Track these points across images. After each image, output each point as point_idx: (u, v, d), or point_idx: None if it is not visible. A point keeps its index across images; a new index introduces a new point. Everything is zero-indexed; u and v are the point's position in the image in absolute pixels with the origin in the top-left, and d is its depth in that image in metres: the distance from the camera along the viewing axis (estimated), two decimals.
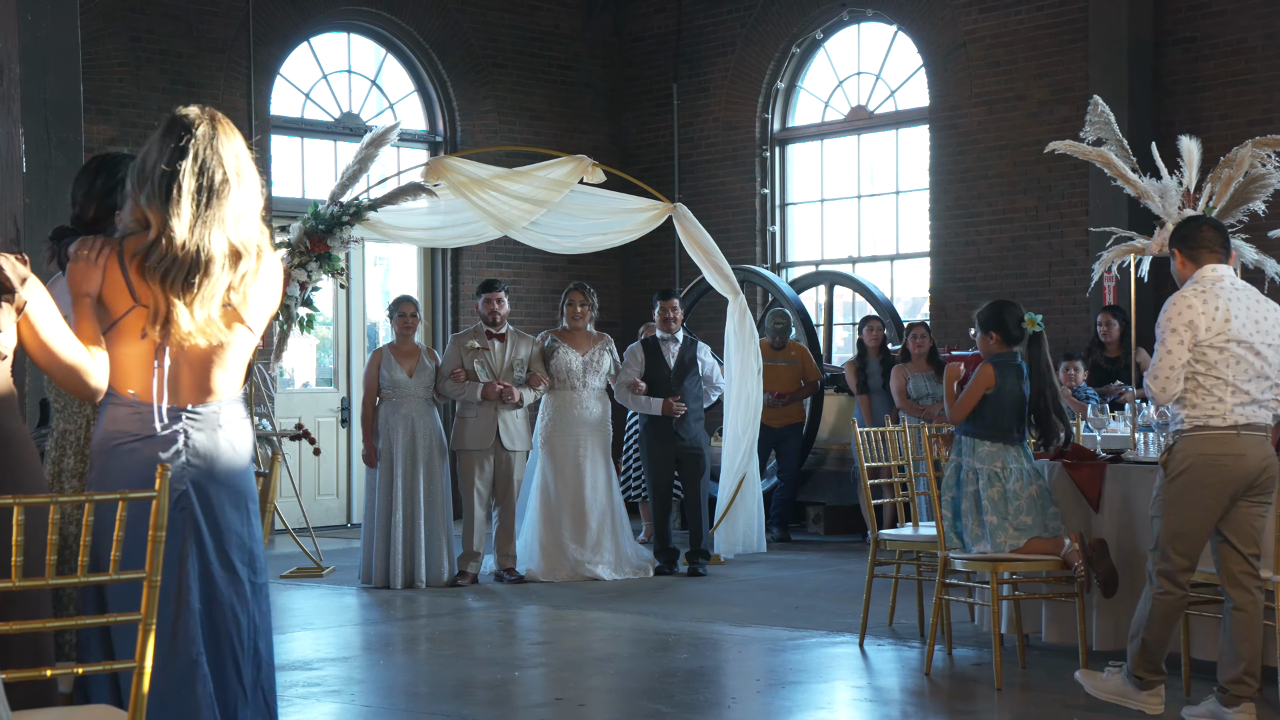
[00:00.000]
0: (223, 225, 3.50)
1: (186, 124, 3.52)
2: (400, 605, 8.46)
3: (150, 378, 3.47)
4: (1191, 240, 5.41)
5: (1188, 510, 5.33)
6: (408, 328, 9.25)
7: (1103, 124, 6.56)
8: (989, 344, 6.49)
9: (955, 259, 12.55)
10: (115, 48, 11.77)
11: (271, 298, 3.64)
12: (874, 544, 7.05)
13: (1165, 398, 5.33)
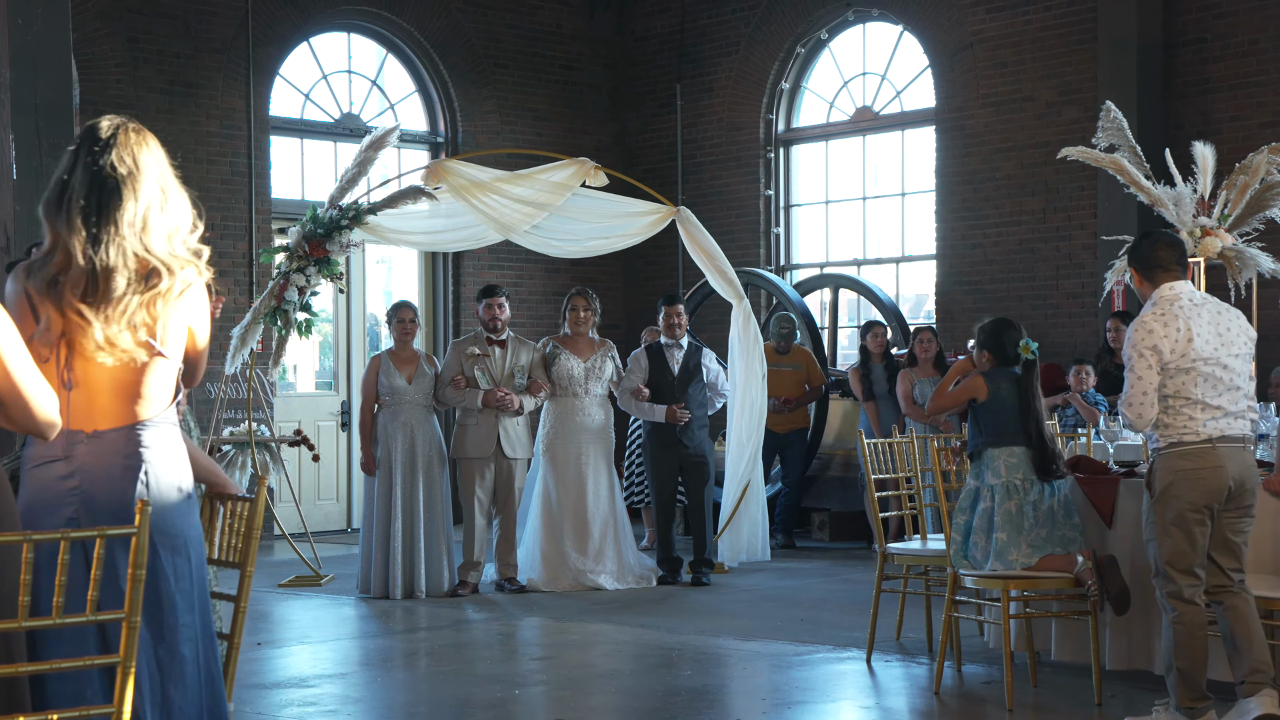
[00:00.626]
0: (123, 239, 3.27)
1: (92, 134, 3.36)
2: (399, 617, 8.34)
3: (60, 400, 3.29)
4: (1147, 260, 5.42)
5: (1179, 528, 5.33)
6: (406, 333, 9.12)
7: (1115, 130, 6.43)
8: (982, 360, 6.38)
9: (962, 262, 12.41)
10: (113, 48, 11.64)
11: (193, 320, 3.38)
12: (881, 558, 6.91)
13: (1143, 424, 5.39)
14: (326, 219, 9.52)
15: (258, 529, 3.68)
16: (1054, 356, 11.63)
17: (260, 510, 3.67)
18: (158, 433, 3.36)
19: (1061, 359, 11.29)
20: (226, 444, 10.30)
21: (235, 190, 12.24)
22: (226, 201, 12.19)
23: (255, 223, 12.29)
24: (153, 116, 11.78)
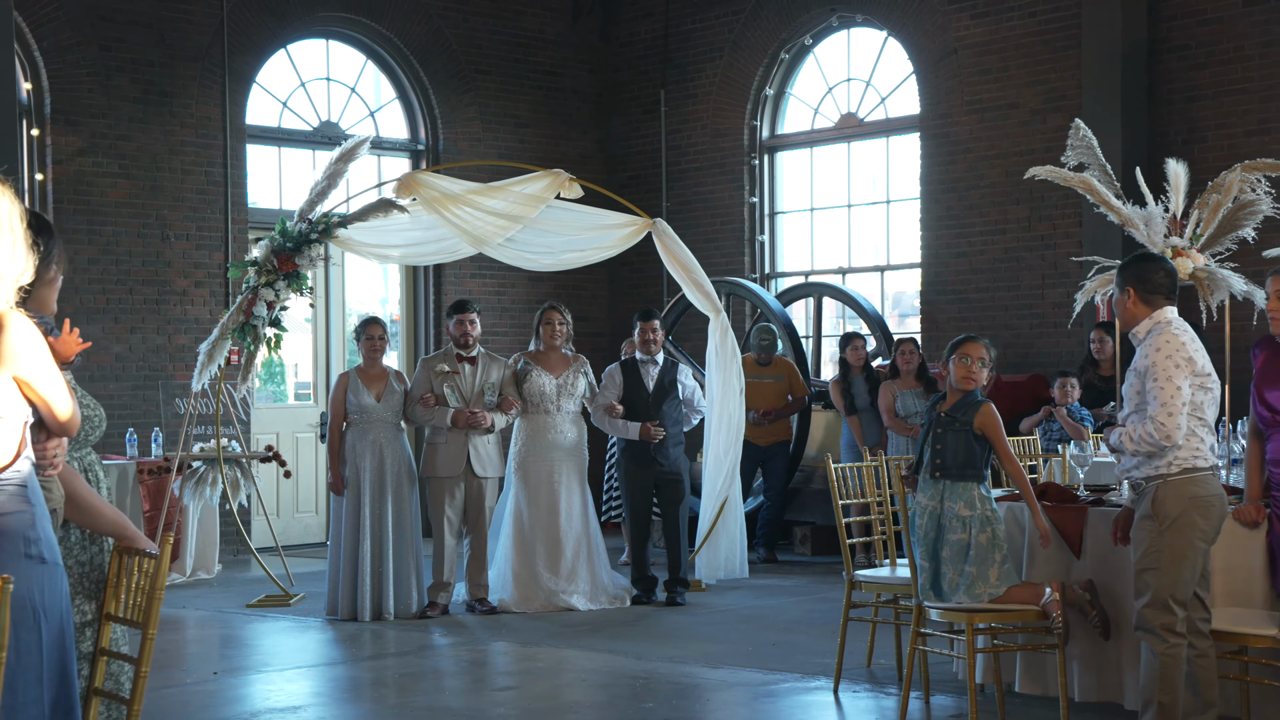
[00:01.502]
0: None
1: None
2: (366, 642, 8.19)
3: None
4: (1150, 283, 5.29)
5: (1187, 558, 5.21)
6: (375, 350, 8.97)
7: (1084, 148, 6.27)
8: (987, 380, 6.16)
9: (946, 270, 12.25)
10: (84, 57, 11.49)
11: (19, 369, 3.20)
12: (849, 585, 6.76)
13: (1179, 436, 5.18)
14: (296, 232, 9.39)
15: (161, 589, 3.53)
16: (1038, 367, 11.49)
17: (164, 569, 3.52)
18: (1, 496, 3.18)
19: (1046, 370, 11.14)
20: (196, 460, 10.17)
21: (211, 200, 12.10)
22: (202, 211, 12.05)
23: (231, 233, 12.14)
24: (126, 126, 11.65)
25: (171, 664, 7.54)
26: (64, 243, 11.37)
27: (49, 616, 3.26)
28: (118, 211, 11.62)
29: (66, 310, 11.25)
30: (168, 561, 3.53)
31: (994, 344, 9.95)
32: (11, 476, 3.22)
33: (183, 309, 11.89)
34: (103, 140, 11.56)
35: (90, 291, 11.46)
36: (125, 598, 3.64)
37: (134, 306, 11.66)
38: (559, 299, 13.78)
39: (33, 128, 11.37)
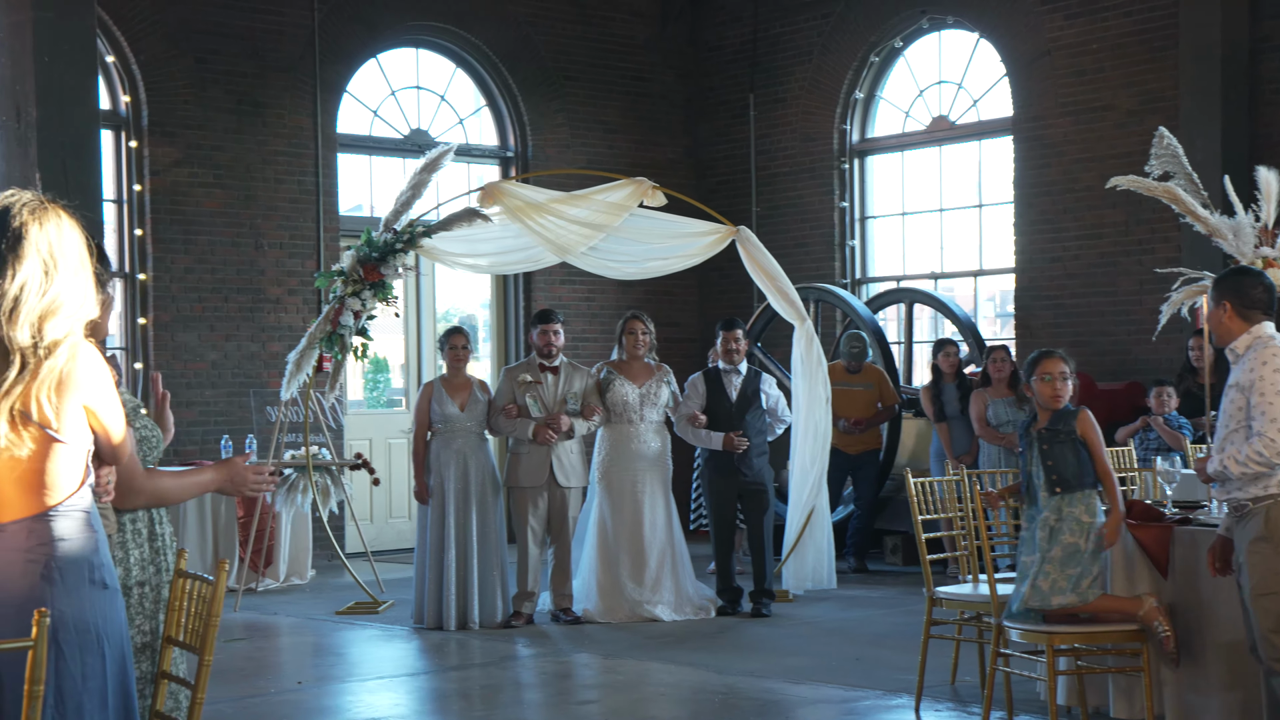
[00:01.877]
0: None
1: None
2: (451, 651, 8.22)
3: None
4: (1247, 298, 5.14)
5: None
6: (459, 360, 9.00)
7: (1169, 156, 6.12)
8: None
9: (1041, 275, 12.04)
10: (180, 69, 11.67)
11: (89, 399, 3.21)
12: (929, 603, 6.66)
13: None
14: (381, 242, 9.46)
15: (216, 615, 3.54)
16: (1136, 375, 11.25)
17: (220, 595, 3.53)
18: (65, 522, 3.22)
19: (1144, 377, 10.91)
20: (288, 467, 10.28)
21: (303, 208, 12.24)
22: (294, 220, 12.19)
23: (323, 240, 12.28)
24: (220, 136, 11.82)
25: (258, 673, 7.63)
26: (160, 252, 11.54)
27: (111, 641, 3.30)
28: (212, 221, 11.79)
29: (163, 319, 11.47)
30: (224, 588, 3.55)
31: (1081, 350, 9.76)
32: (77, 503, 3.26)
33: (276, 316, 12.04)
34: (198, 151, 11.74)
35: (186, 300, 11.64)
36: (185, 621, 3.66)
37: (228, 314, 11.83)
38: (648, 305, 13.80)
39: (130, 140, 11.57)
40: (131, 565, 3.68)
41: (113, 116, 11.59)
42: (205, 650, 3.54)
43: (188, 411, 11.60)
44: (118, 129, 11.61)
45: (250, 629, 8.99)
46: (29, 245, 3.13)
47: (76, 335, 3.21)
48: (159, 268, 11.54)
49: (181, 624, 3.66)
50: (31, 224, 3.15)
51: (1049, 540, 5.80)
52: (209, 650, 3.53)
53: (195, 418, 11.61)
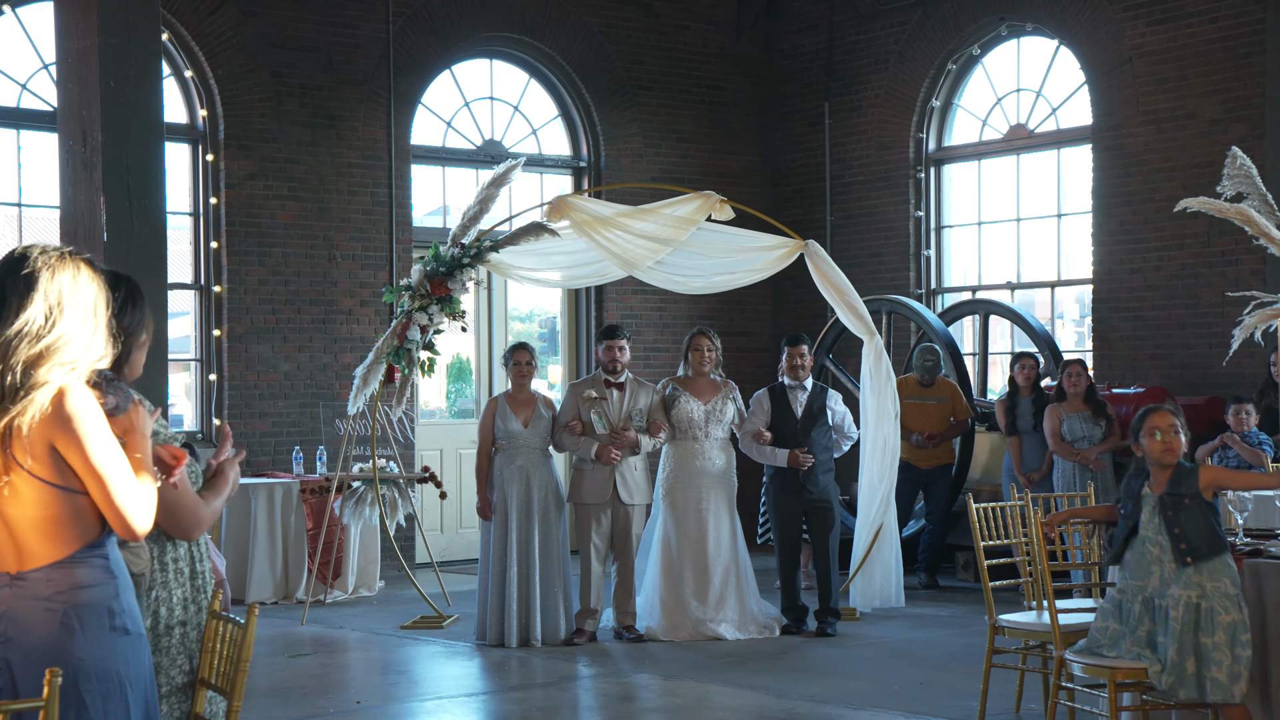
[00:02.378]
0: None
1: (9, 258, 3.22)
2: (512, 670, 8.20)
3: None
4: None
5: None
6: (523, 376, 8.98)
7: (1242, 177, 5.95)
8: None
9: (1120, 287, 11.81)
10: (257, 83, 11.78)
11: (62, 443, 3.15)
12: (991, 630, 6.53)
13: None
14: (448, 257, 9.47)
15: (246, 659, 3.52)
16: (1217, 389, 11.00)
17: (250, 639, 3.51)
18: (84, 570, 3.20)
19: (1225, 392, 10.66)
20: (356, 480, 10.33)
21: (376, 220, 12.30)
22: (367, 232, 12.26)
23: (396, 252, 12.33)
24: (294, 149, 11.91)
25: (319, 691, 7.65)
26: (235, 264, 11.61)
27: (134, 688, 3.28)
28: (286, 233, 11.89)
29: (237, 330, 11.58)
30: (253, 631, 3.52)
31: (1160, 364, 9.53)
32: (97, 550, 3.24)
33: (348, 328, 12.12)
34: (272, 164, 11.84)
35: (260, 312, 11.74)
36: (216, 664, 3.65)
37: (301, 326, 11.92)
38: (721, 315, 13.74)
39: (207, 153, 11.70)
40: (175, 604, 3.67)
41: (190, 130, 11.73)
42: (235, 695, 3.52)
43: (260, 423, 11.71)
44: (195, 143, 11.75)
45: (315, 643, 9.04)
46: (37, 291, 3.14)
47: (67, 380, 3.16)
48: (233, 280, 11.66)
49: (214, 666, 3.64)
50: (44, 271, 3.15)
51: (1199, 622, 5.33)
52: (238, 695, 3.51)
53: (268, 429, 11.71)
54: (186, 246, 11.89)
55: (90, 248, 6.37)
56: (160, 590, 3.64)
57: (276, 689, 7.70)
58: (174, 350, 11.18)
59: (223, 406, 11.63)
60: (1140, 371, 11.58)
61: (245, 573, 10.51)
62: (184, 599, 3.66)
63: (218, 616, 3.66)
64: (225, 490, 3.68)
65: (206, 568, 3.88)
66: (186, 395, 11.94)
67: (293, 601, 10.44)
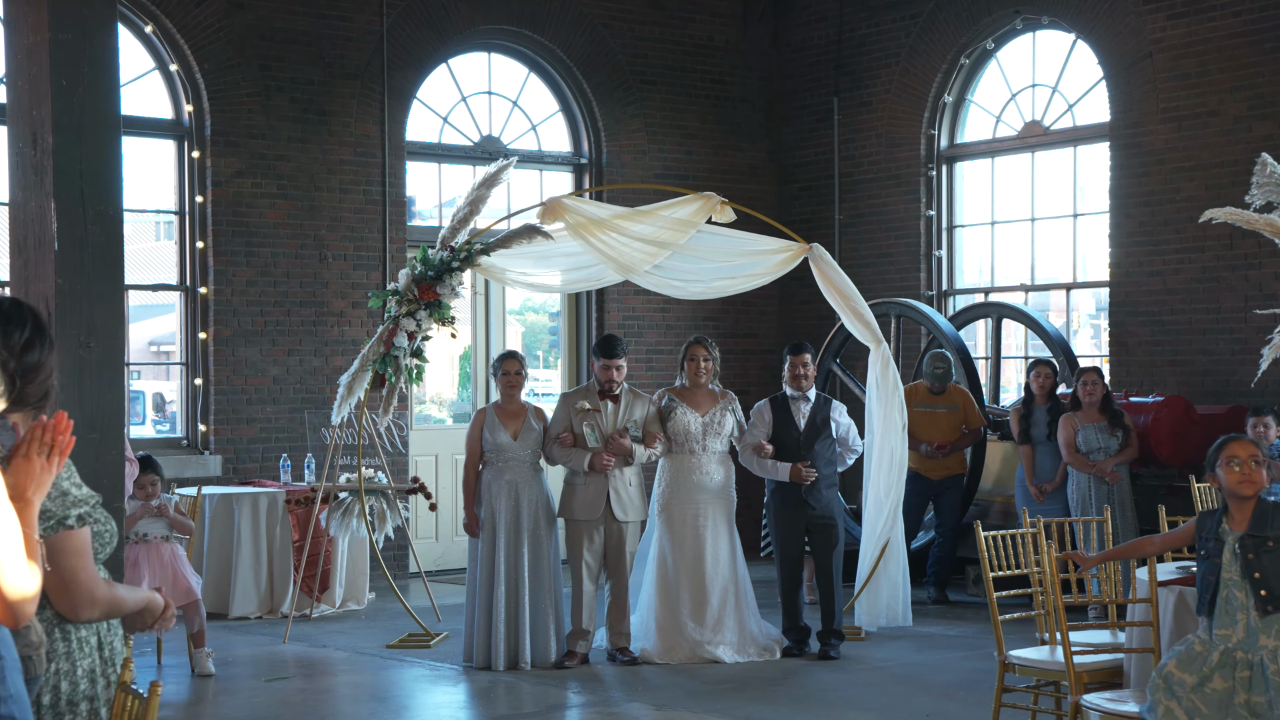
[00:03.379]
0: None
1: None
2: (499, 698, 7.81)
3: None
4: None
5: None
6: (512, 386, 8.58)
7: (1272, 185, 5.57)
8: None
9: (1138, 290, 11.37)
10: (245, 77, 11.40)
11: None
12: (1001, 668, 6.13)
13: None
14: (436, 260, 9.09)
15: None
16: (1240, 398, 10.56)
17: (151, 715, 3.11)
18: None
19: (1249, 400, 10.22)
20: (343, 490, 9.96)
21: (369, 219, 11.92)
22: (360, 231, 11.88)
23: (390, 252, 11.95)
24: (284, 145, 11.53)
25: (292, 718, 7.28)
26: (222, 265, 11.22)
27: None
28: (275, 232, 11.51)
29: (224, 333, 11.21)
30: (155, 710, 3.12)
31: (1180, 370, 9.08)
32: None
33: (340, 330, 11.74)
34: (261, 161, 11.46)
35: (248, 314, 11.37)
36: None
37: (291, 328, 11.55)
38: (726, 316, 13.33)
39: (193, 150, 11.33)
40: (79, 678, 3.26)
41: (175, 126, 11.36)
42: None
43: (247, 429, 11.34)
44: (180, 139, 11.37)
45: (297, 664, 8.67)
46: None
47: None
48: (220, 281, 11.29)
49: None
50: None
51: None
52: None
53: (255, 435, 11.35)
54: (172, 246, 11.52)
55: (41, 256, 6.00)
56: (63, 663, 3.23)
57: (250, 717, 7.33)
58: (159, 354, 10.82)
59: (209, 412, 11.27)
60: (1159, 379, 11.15)
61: (229, 586, 10.14)
62: (89, 671, 3.27)
63: (127, 690, 3.26)
64: (140, 604, 3.31)
65: (117, 638, 3.47)
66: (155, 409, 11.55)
67: (278, 616, 10.08)
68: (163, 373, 22.67)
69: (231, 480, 11.08)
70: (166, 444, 11.26)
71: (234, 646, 9.03)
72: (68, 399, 5.86)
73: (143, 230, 19.05)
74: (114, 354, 6.09)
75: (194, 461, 11.02)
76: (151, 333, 18.75)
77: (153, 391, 20.06)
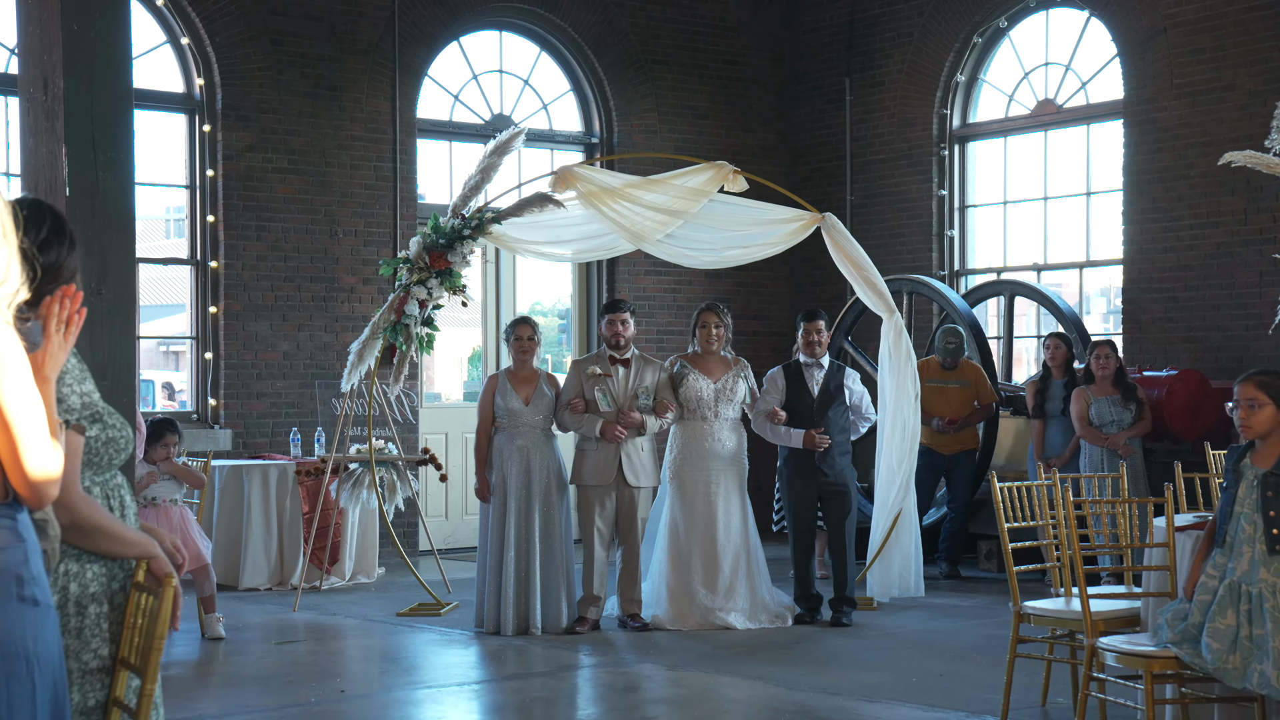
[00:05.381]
0: None
1: None
2: (509, 659, 7.77)
3: None
4: None
5: None
6: (524, 352, 8.54)
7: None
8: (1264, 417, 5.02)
9: (1152, 267, 11.32)
10: (256, 51, 11.38)
11: (6, 385, 2.75)
12: (1016, 618, 6.08)
13: None
14: (448, 228, 9.05)
15: (160, 636, 3.06)
16: None
17: (166, 610, 3.07)
18: None
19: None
20: (353, 461, 9.94)
21: (380, 195, 11.89)
22: (370, 207, 11.85)
23: (400, 228, 11.92)
24: (295, 120, 11.51)
25: (305, 679, 7.25)
26: (233, 239, 11.20)
27: (43, 665, 2.87)
28: (286, 207, 11.49)
29: (234, 308, 11.18)
30: (169, 605, 3.08)
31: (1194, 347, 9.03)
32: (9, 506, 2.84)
33: (350, 306, 11.71)
34: (272, 135, 11.44)
35: (258, 289, 11.35)
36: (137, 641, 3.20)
37: (301, 304, 11.52)
38: (736, 297, 13.29)
39: (204, 124, 11.31)
40: (89, 580, 3.22)
41: (186, 100, 11.34)
42: (147, 676, 3.06)
43: (257, 403, 11.32)
44: (191, 113, 11.36)
45: (307, 630, 8.64)
46: None
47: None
48: (231, 255, 11.27)
49: (133, 643, 3.20)
50: None
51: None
52: (150, 677, 3.05)
53: (265, 410, 11.32)
54: (183, 220, 11.51)
55: (52, 202, 5.96)
56: (71, 563, 3.19)
57: (260, 677, 7.31)
58: (170, 328, 10.80)
59: (219, 386, 11.24)
60: (1173, 355, 11.10)
61: (239, 558, 10.12)
62: (100, 574, 3.23)
63: (141, 589, 3.23)
64: (135, 549, 3.25)
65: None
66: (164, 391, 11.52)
67: (288, 588, 10.04)
68: (171, 364, 22.66)
69: (242, 455, 11.05)
70: (177, 418, 11.21)
71: (244, 614, 9.01)
72: (79, 347, 5.82)
73: (152, 228, 19.03)
74: (126, 300, 6.04)
75: (204, 435, 10.99)
76: (158, 331, 18.74)
77: (162, 381, 20.09)
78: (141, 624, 3.13)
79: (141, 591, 3.21)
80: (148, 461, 8.20)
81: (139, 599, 3.21)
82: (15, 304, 2.84)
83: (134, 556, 3.27)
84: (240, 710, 6.56)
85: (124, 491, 3.40)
